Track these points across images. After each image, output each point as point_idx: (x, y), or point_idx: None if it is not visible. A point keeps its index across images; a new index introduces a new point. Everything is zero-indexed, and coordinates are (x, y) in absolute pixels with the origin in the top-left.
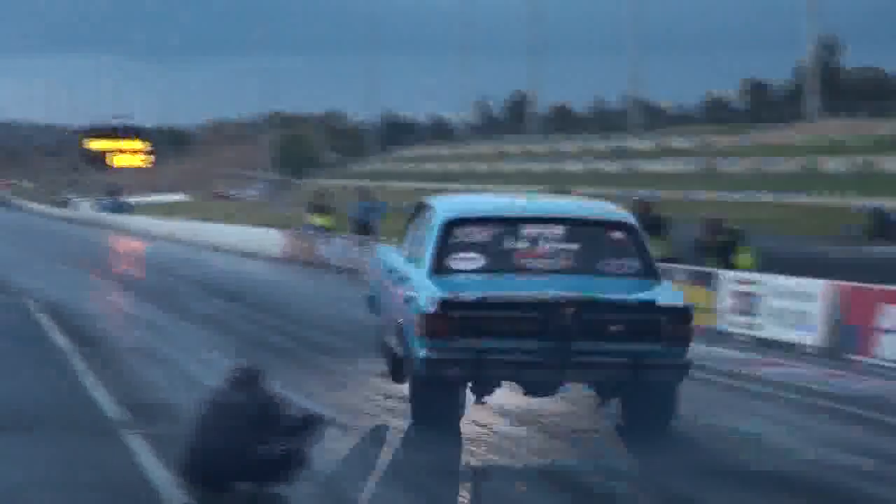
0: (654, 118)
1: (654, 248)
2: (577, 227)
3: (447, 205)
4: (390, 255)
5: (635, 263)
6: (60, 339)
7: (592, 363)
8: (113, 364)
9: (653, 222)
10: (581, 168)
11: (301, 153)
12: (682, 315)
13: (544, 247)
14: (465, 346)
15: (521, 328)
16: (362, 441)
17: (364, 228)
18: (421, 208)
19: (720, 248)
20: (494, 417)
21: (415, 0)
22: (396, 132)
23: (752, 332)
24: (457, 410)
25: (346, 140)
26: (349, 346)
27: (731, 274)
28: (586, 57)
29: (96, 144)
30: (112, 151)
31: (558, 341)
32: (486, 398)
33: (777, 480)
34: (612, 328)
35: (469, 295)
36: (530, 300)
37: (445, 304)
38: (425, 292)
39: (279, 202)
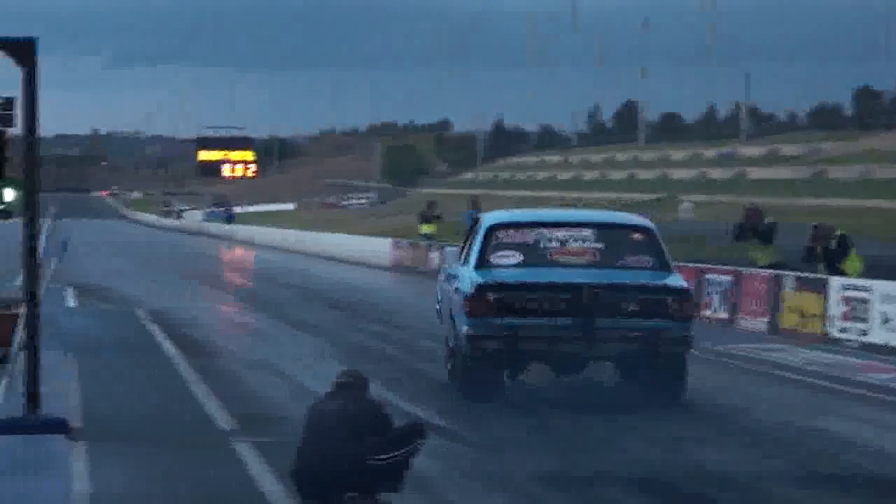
0: (764, 126)
1: (763, 254)
2: (600, 230)
3: (493, 215)
4: (452, 264)
5: (651, 258)
6: (170, 349)
7: (613, 337)
8: (221, 373)
9: (762, 229)
10: (689, 175)
11: (410, 163)
12: (685, 296)
13: (571, 246)
14: (500, 324)
15: (549, 308)
16: (468, 448)
17: None
18: (475, 221)
19: (828, 254)
20: (592, 424)
21: (526, 11)
22: (506, 142)
23: (862, 338)
24: (499, 387)
25: (455, 150)
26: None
27: (840, 280)
28: (697, 66)
29: (207, 155)
30: (223, 162)
31: (583, 318)
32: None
33: (875, 484)
34: (628, 308)
35: (501, 280)
36: (549, 284)
37: (482, 288)
38: (468, 281)
39: (388, 212)
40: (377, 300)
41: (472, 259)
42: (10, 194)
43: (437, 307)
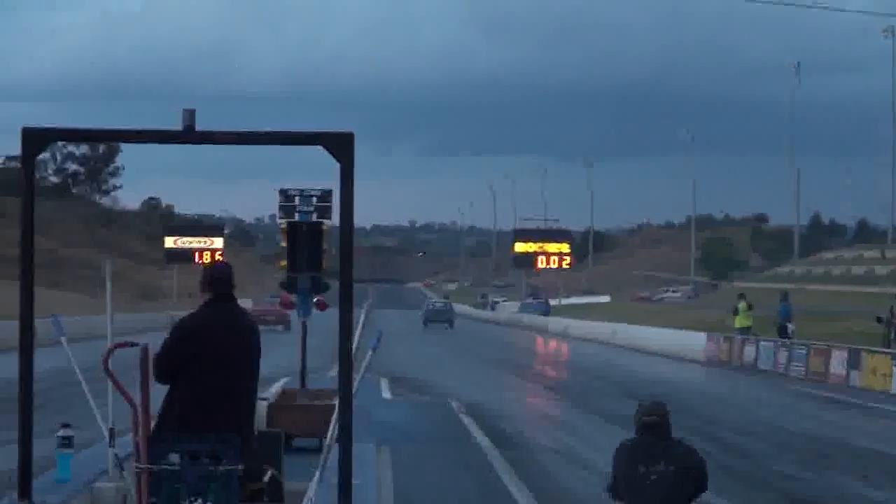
0: None
1: None
2: None
3: None
4: None
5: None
6: (483, 441)
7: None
8: (534, 466)
9: None
10: None
11: (726, 256)
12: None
13: None
14: None
15: None
16: None
17: (783, 331)
18: None
19: None
20: None
21: (842, 100)
22: (823, 235)
23: None
24: None
25: (771, 243)
26: (761, 446)
27: None
28: None
29: (523, 247)
30: (538, 254)
31: None
32: None
33: None
34: None
35: None
36: None
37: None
38: None
39: (703, 305)
40: (688, 393)
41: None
42: (326, 286)
43: None
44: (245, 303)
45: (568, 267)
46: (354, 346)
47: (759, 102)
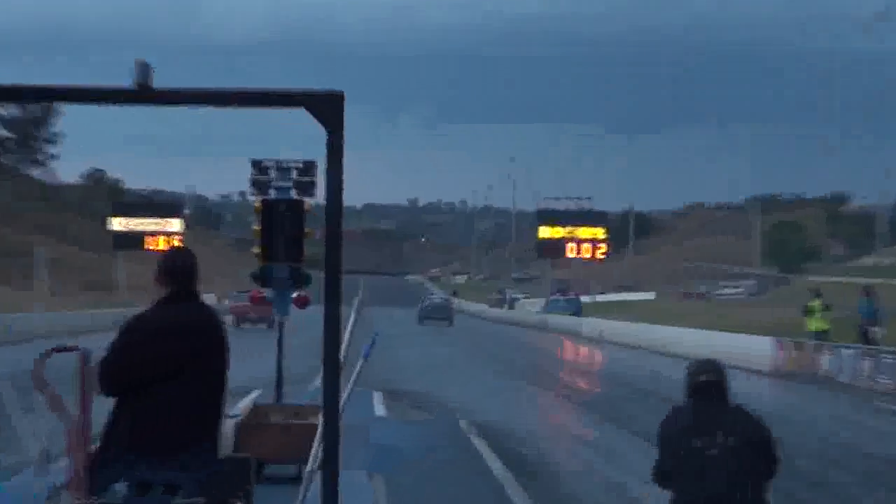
0: None
1: None
2: None
3: None
4: None
5: None
6: (499, 469)
7: None
8: (557, 497)
9: None
10: None
11: (797, 243)
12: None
13: None
14: None
15: None
16: None
17: (867, 335)
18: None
19: None
20: None
21: None
22: None
23: None
24: None
25: (852, 228)
26: (843, 476)
27: None
28: None
29: (549, 232)
30: (567, 240)
31: None
32: None
33: None
34: None
35: None
36: None
37: None
38: None
39: (769, 303)
40: (754, 412)
41: None
42: (308, 278)
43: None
44: (209, 298)
45: (603, 256)
46: (343, 352)
47: (835, 60)
